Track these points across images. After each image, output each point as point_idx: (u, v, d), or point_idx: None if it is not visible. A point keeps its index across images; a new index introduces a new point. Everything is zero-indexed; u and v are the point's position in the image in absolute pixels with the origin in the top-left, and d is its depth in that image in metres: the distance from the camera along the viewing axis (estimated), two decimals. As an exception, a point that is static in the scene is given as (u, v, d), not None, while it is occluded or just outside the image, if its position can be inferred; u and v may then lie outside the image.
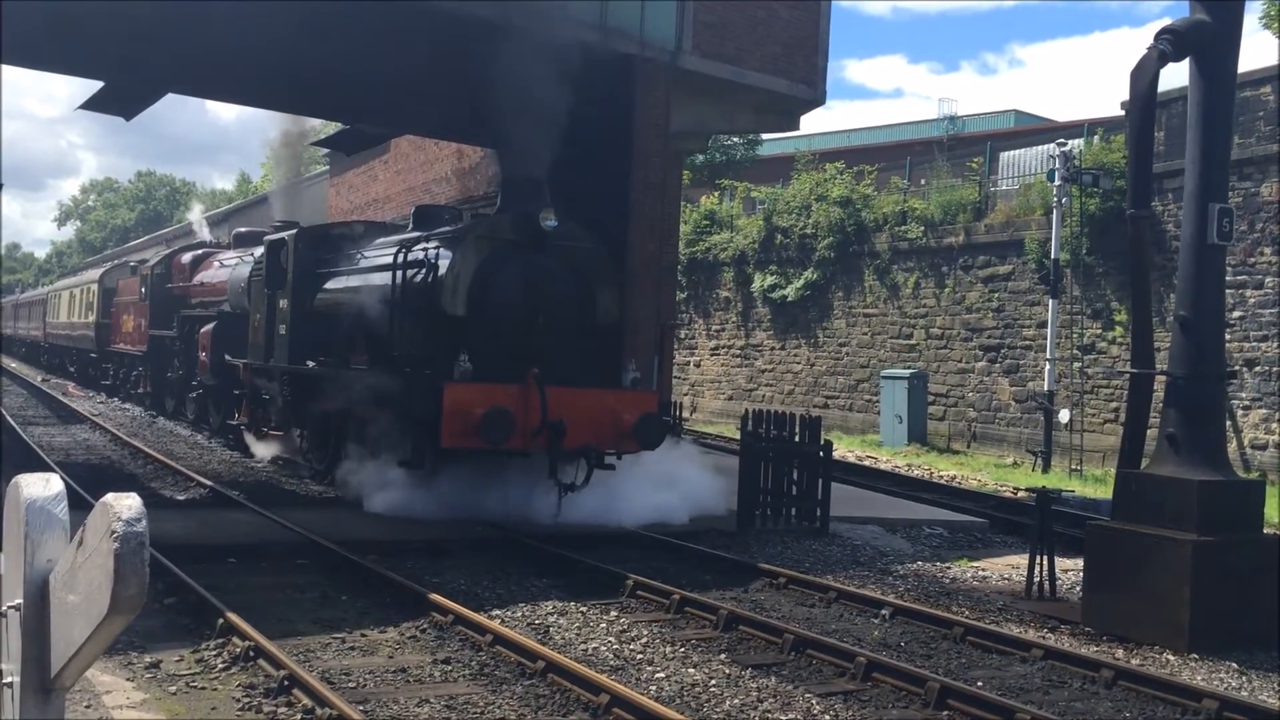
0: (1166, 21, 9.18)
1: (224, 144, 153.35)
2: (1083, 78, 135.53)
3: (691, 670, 7.13)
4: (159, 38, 15.05)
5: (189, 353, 21.40)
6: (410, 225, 14.83)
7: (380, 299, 13.41)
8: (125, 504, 2.05)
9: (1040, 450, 19.98)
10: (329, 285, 15.12)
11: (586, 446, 11.71)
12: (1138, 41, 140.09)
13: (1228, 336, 16.28)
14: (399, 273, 12.92)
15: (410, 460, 11.66)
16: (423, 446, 11.67)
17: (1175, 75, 9.93)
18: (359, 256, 14.75)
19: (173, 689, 6.36)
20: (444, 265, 12.25)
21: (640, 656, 7.42)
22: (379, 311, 13.51)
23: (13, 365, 43.89)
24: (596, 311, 12.96)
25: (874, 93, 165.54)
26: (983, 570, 11.13)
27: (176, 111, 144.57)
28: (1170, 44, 8.92)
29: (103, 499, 2.08)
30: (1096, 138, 21.72)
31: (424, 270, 12.55)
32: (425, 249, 12.84)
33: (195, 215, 35.13)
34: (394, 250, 13.37)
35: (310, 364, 14.54)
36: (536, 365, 11.98)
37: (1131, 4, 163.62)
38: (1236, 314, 17.53)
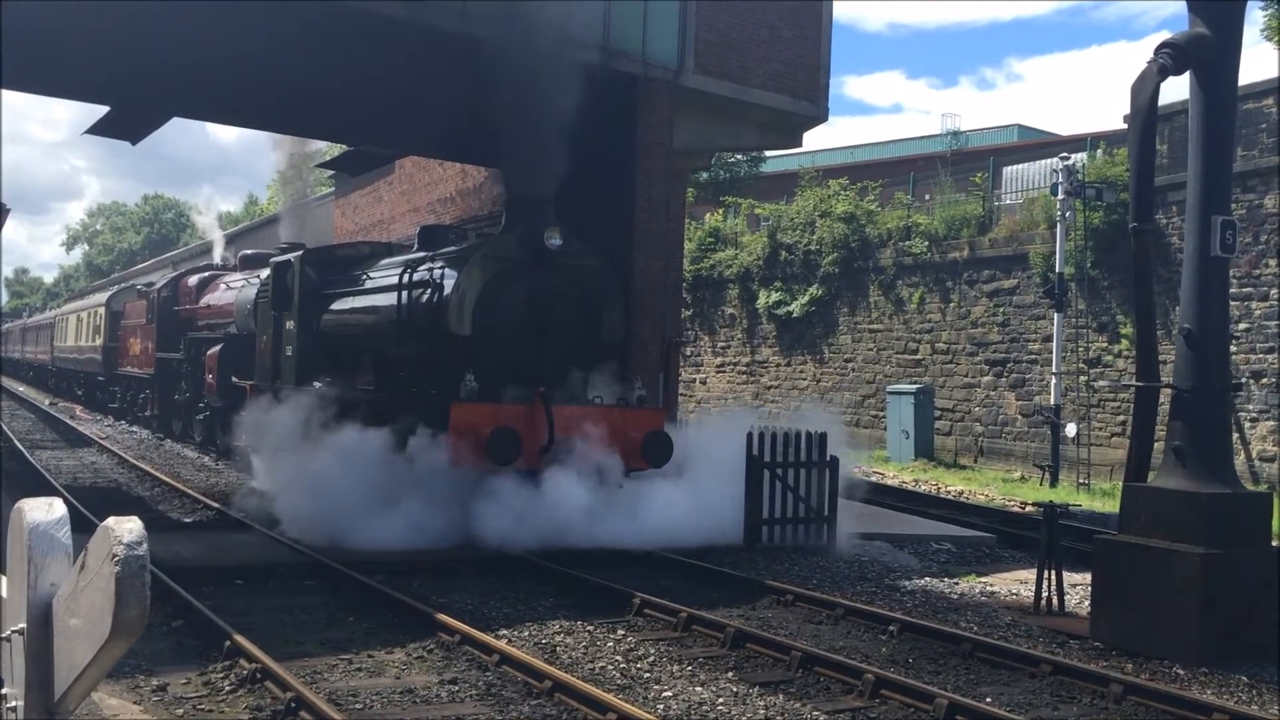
0: (1165, 35, 9.21)
1: (226, 166, 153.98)
2: (1082, 91, 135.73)
3: (699, 688, 7.11)
4: (164, 62, 15.14)
5: (196, 375, 21.46)
6: (415, 245, 14.88)
7: (386, 319, 13.44)
8: (126, 527, 2.06)
9: (1047, 464, 19.93)
10: (335, 306, 15.16)
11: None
12: (1136, 54, 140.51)
13: (1233, 348, 16.26)
14: (404, 293, 12.95)
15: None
16: None
17: (1177, 88, 9.95)
18: (365, 277, 14.80)
19: (180, 711, 6.36)
20: (449, 285, 12.27)
21: (648, 675, 7.40)
22: (385, 332, 13.54)
23: (20, 389, 44.02)
24: (602, 329, 12.98)
25: (873, 108, 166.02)
26: (990, 585, 11.09)
27: (179, 135, 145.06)
28: (1170, 57, 8.93)
29: (104, 522, 2.10)
30: (1099, 151, 21.74)
31: (429, 290, 12.58)
32: (430, 269, 12.88)
33: (216, 237, 35.19)
34: (399, 271, 13.41)
35: (317, 385, 14.57)
36: (543, 384, 12.00)
37: (1129, 17, 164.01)
38: (1242, 326, 17.50)
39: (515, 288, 12.42)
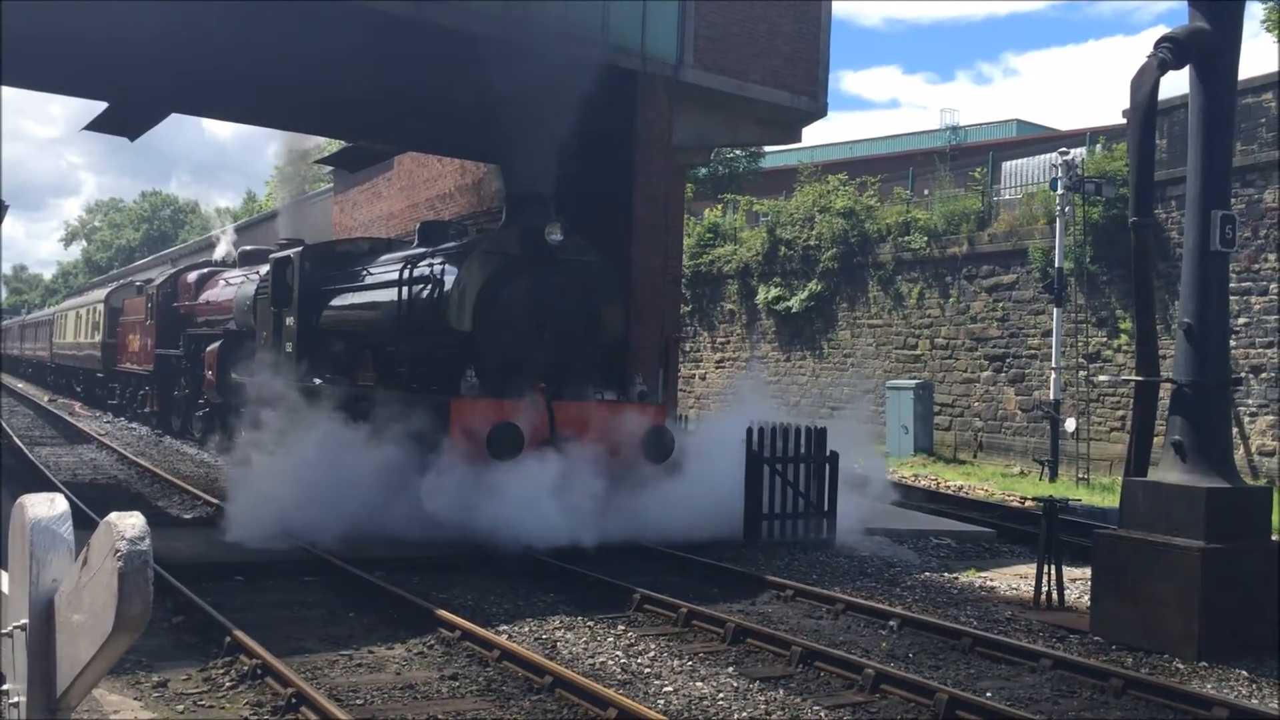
0: (1161, 29, 9.19)
1: (223, 163, 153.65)
2: (1079, 85, 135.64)
3: (699, 683, 7.11)
4: (162, 58, 15.13)
5: (195, 371, 21.45)
6: (416, 241, 14.87)
7: (386, 315, 13.43)
8: (129, 523, 2.06)
9: (1047, 459, 19.94)
10: (335, 302, 15.15)
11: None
12: (1133, 49, 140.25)
13: (1233, 343, 16.27)
14: (405, 289, 12.94)
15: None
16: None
17: (1176, 82, 9.94)
18: (365, 273, 14.79)
19: (180, 708, 6.36)
20: (449, 281, 12.26)
21: (648, 670, 7.41)
22: (385, 328, 13.53)
23: (19, 385, 44.01)
24: (602, 325, 12.98)
25: (870, 103, 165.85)
26: (990, 580, 11.10)
27: (175, 131, 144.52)
28: (1170, 52, 8.92)
29: (106, 518, 2.09)
30: (1099, 146, 21.74)
31: (430, 286, 12.57)
32: (431, 265, 12.86)
33: (222, 231, 35.05)
34: (400, 266, 13.39)
35: (317, 381, 14.56)
36: (543, 380, 11.99)
37: (1125, 12, 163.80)
38: (1241, 320, 17.51)
39: (516, 283, 12.41)
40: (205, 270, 24.19)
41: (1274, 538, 9.22)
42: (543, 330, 12.47)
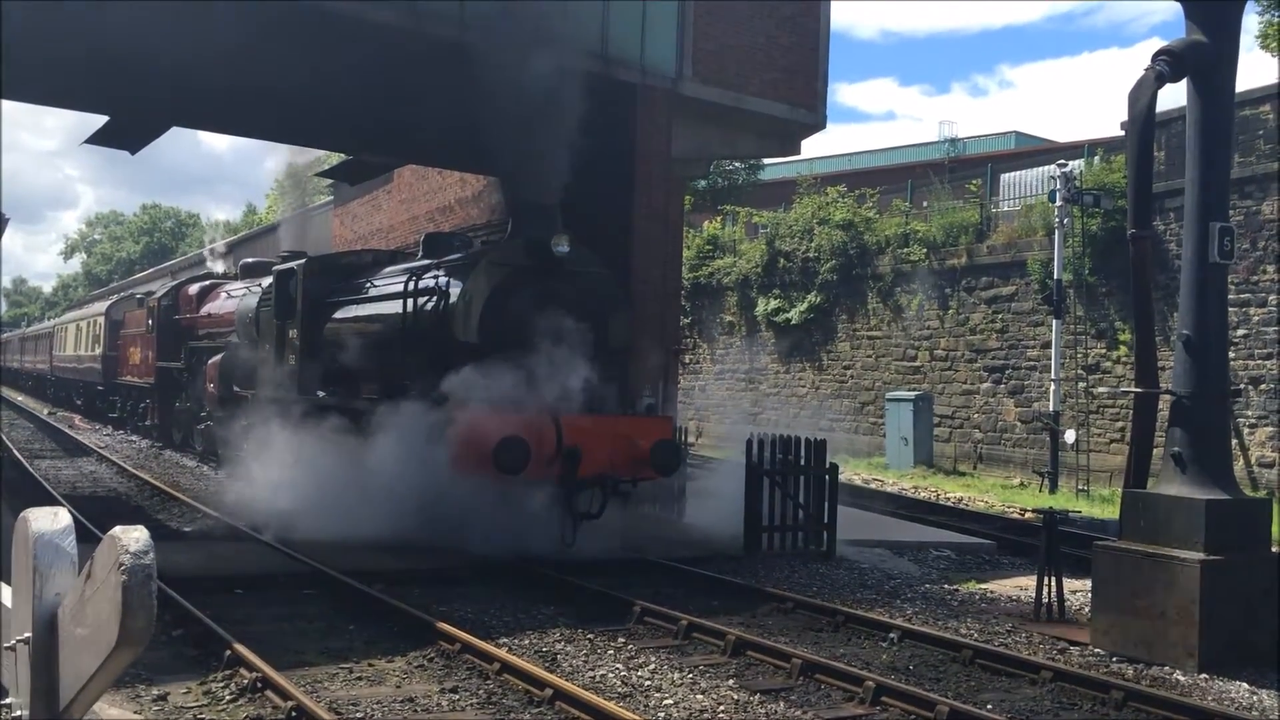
0: (1156, 41, 9.26)
1: (220, 175, 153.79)
2: (1074, 98, 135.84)
3: (700, 696, 7.11)
4: (162, 72, 15.16)
5: (196, 384, 21.43)
6: (420, 253, 14.87)
7: (391, 327, 13.42)
8: (133, 536, 2.07)
9: (1046, 471, 19.94)
10: (338, 315, 15.13)
11: (602, 474, 11.64)
12: (1128, 61, 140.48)
13: (1232, 354, 16.27)
14: (409, 301, 12.93)
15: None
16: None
17: (1174, 94, 9.98)
18: (368, 285, 14.77)
19: (181, 721, 6.36)
20: (455, 292, 12.25)
21: (648, 683, 7.40)
22: (389, 340, 13.52)
23: (19, 398, 43.99)
24: (608, 337, 12.95)
25: (867, 115, 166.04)
26: (991, 592, 11.10)
27: (171, 143, 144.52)
28: (1168, 64, 8.96)
29: (110, 532, 2.10)
30: (1097, 158, 21.78)
31: (435, 298, 12.55)
32: (435, 276, 12.85)
33: (218, 248, 35.06)
34: (404, 278, 13.39)
35: (320, 394, 14.54)
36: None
37: (1119, 24, 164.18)
38: (1240, 332, 17.52)
39: (522, 294, 12.38)
40: (207, 283, 24.17)
41: (1274, 549, 9.22)
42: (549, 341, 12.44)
